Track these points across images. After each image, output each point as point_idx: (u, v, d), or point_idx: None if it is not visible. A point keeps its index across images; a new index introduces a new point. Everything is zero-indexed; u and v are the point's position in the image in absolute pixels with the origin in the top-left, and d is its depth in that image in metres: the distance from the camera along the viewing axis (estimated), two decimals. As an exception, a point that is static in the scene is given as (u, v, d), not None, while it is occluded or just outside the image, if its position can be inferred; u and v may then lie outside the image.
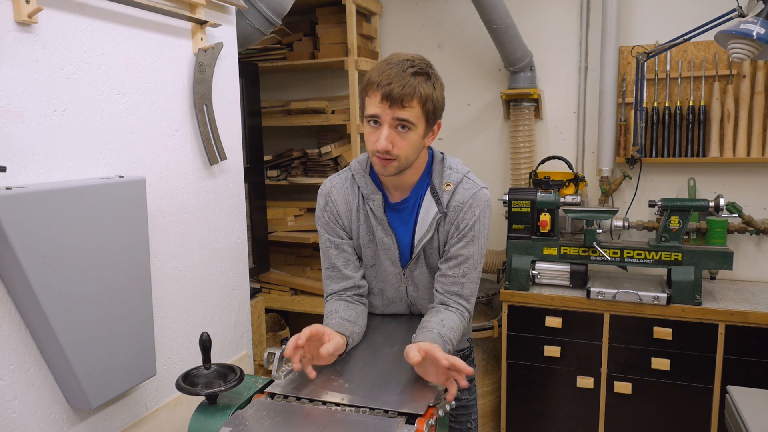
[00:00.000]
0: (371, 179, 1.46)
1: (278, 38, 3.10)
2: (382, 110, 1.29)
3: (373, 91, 1.29)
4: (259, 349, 2.50)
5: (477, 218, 1.42)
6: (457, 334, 1.38)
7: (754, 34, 1.80)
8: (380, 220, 1.45)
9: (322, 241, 1.52)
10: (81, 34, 1.31)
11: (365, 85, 1.32)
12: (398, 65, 1.29)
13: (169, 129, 1.59)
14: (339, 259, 1.50)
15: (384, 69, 1.29)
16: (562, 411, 2.53)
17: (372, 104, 1.30)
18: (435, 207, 1.43)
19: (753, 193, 2.68)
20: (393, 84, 1.26)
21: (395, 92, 1.26)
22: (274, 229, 3.15)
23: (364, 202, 1.47)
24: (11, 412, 1.20)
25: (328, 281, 1.53)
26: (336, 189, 1.50)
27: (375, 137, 1.32)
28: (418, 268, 1.50)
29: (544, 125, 3.01)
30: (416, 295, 1.55)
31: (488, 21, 2.59)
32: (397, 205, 1.46)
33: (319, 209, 1.52)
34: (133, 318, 1.41)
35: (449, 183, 1.43)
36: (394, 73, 1.27)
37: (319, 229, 1.53)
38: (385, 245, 1.47)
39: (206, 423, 1.15)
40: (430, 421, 1.08)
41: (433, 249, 1.47)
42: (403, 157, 1.33)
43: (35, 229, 1.15)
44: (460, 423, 1.66)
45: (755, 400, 1.44)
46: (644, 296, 2.34)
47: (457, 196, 1.43)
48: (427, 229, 1.43)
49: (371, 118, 1.31)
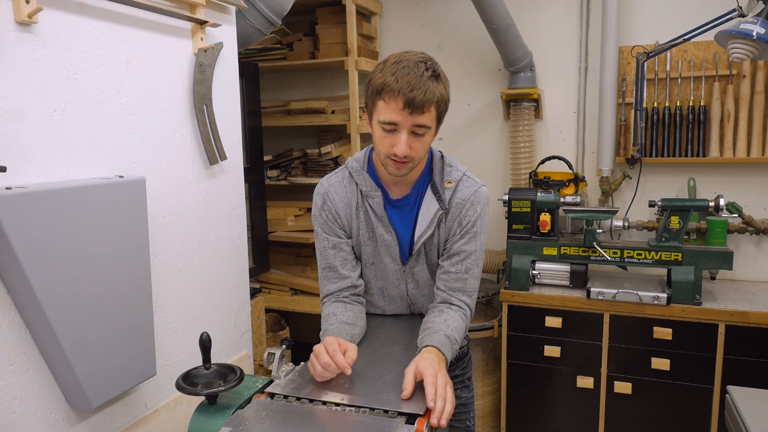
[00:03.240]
0: (370, 177, 1.47)
1: (278, 38, 3.11)
2: (402, 117, 1.27)
3: (392, 97, 1.26)
4: (259, 349, 2.50)
5: (479, 215, 1.44)
6: (461, 333, 1.39)
7: (754, 34, 1.80)
8: (380, 217, 1.45)
9: (319, 240, 1.52)
10: (81, 34, 1.31)
11: (380, 88, 1.28)
12: (414, 69, 1.26)
13: (169, 129, 1.59)
14: (336, 259, 1.49)
15: (401, 74, 1.26)
16: (562, 411, 2.53)
17: (390, 110, 1.27)
18: (436, 204, 1.44)
19: (753, 193, 2.68)
20: (415, 92, 1.24)
21: (418, 99, 1.25)
22: (274, 229, 3.15)
23: (363, 199, 1.47)
24: (11, 412, 1.20)
25: (324, 282, 1.52)
26: (334, 188, 1.49)
27: (391, 141, 1.31)
28: (418, 264, 1.50)
29: (544, 125, 3.01)
30: (416, 293, 1.55)
31: (488, 21, 2.59)
32: (397, 202, 1.47)
33: (316, 209, 1.51)
34: (133, 318, 1.41)
35: (451, 180, 1.45)
36: (413, 79, 1.25)
37: (316, 228, 1.52)
38: (385, 242, 1.47)
39: (206, 423, 1.15)
40: (430, 421, 1.08)
41: (433, 246, 1.48)
42: (417, 158, 1.35)
43: (35, 229, 1.15)
44: (459, 422, 1.67)
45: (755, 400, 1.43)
46: (644, 296, 2.34)
47: (458, 194, 1.44)
48: (428, 225, 1.44)
49: (388, 124, 1.29)
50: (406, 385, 1.16)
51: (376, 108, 1.31)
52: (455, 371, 1.67)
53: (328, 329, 1.38)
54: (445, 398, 1.13)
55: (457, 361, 1.67)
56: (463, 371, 1.68)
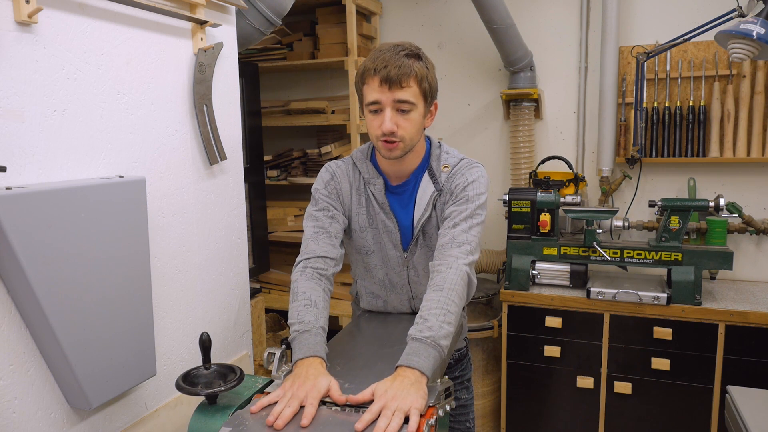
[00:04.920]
0: (372, 165, 1.51)
1: (278, 38, 3.11)
2: (382, 93, 1.32)
3: (371, 77, 1.33)
4: (259, 349, 2.50)
5: (470, 182, 1.44)
6: (447, 311, 1.24)
7: (754, 34, 1.80)
8: (381, 204, 1.49)
9: (318, 207, 1.50)
10: (81, 34, 1.31)
11: (361, 74, 1.36)
12: (390, 50, 1.33)
13: (169, 129, 1.59)
14: (332, 227, 1.48)
15: (377, 55, 1.34)
16: (562, 411, 2.53)
17: (371, 90, 1.34)
18: (432, 186, 1.47)
19: (753, 193, 2.68)
20: (389, 66, 1.30)
21: (392, 73, 1.30)
22: (274, 229, 3.15)
23: (366, 186, 1.51)
24: (11, 412, 1.20)
25: (311, 242, 1.45)
26: (340, 170, 1.54)
27: (378, 122, 1.35)
28: (418, 250, 1.52)
29: (544, 125, 3.01)
30: (417, 280, 1.56)
31: (488, 21, 2.59)
32: (396, 189, 1.50)
33: (321, 182, 1.53)
34: (133, 318, 1.41)
35: (447, 165, 1.48)
36: (388, 57, 1.32)
37: (315, 197, 1.52)
38: (387, 228, 1.50)
39: (206, 423, 1.15)
40: (430, 421, 1.08)
41: (431, 227, 1.50)
42: (408, 138, 1.37)
43: (35, 229, 1.14)
44: (459, 422, 1.67)
45: (755, 400, 1.44)
46: (644, 296, 2.34)
47: (454, 172, 1.48)
48: (425, 208, 1.47)
49: (372, 104, 1.35)
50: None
51: (363, 95, 1.37)
52: (455, 373, 1.67)
53: (309, 332, 1.28)
54: None
55: (457, 362, 1.67)
56: (463, 372, 1.68)
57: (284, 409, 1.08)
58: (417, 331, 1.21)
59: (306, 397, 1.10)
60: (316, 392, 1.11)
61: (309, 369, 1.18)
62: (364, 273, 1.60)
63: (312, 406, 1.09)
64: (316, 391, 1.12)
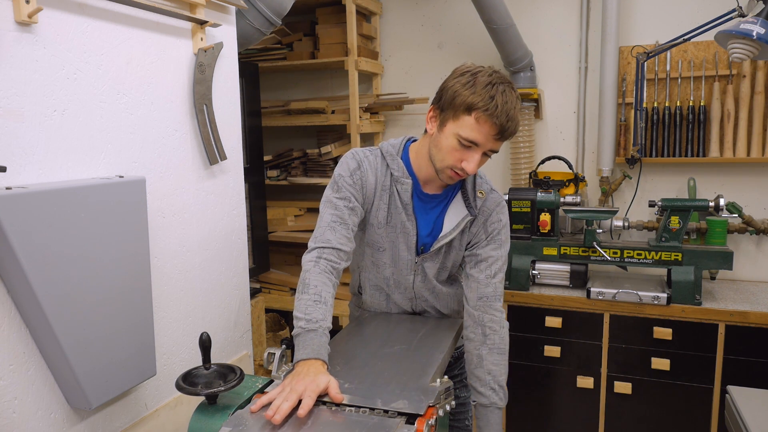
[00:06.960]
0: (404, 163, 1.48)
1: (278, 38, 3.10)
2: (487, 140, 1.31)
3: (487, 120, 1.28)
4: (259, 349, 2.50)
5: (504, 225, 1.52)
6: (504, 371, 1.46)
7: (754, 34, 1.80)
8: (405, 204, 1.47)
9: (339, 195, 1.42)
10: (81, 34, 1.31)
11: (472, 106, 1.28)
12: (510, 94, 1.30)
13: (168, 129, 1.59)
14: (350, 218, 1.42)
15: (497, 97, 1.28)
16: (562, 411, 2.53)
17: (478, 132, 1.30)
18: (465, 209, 1.49)
19: (753, 193, 2.68)
20: (510, 122, 1.29)
21: (510, 130, 1.31)
22: (274, 229, 3.15)
23: (392, 183, 1.47)
24: (11, 412, 1.20)
25: (326, 231, 1.39)
26: (368, 160, 1.47)
27: (461, 156, 1.34)
28: (430, 260, 1.52)
29: (544, 125, 3.01)
30: (422, 285, 1.56)
31: (488, 21, 2.59)
32: (426, 197, 1.50)
33: (347, 169, 1.45)
34: (133, 318, 1.41)
35: (482, 191, 1.50)
36: (510, 108, 1.29)
37: (339, 183, 1.43)
38: (405, 229, 1.49)
39: (206, 423, 1.15)
40: (430, 421, 1.08)
41: (452, 248, 1.52)
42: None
43: (35, 229, 1.15)
44: (458, 421, 1.67)
45: (755, 400, 1.44)
46: (644, 296, 2.34)
47: (486, 203, 1.50)
48: (454, 228, 1.48)
49: (467, 140, 1.31)
50: None
51: (460, 121, 1.31)
52: (454, 371, 1.67)
53: (315, 331, 1.26)
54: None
55: (456, 360, 1.68)
56: (463, 371, 1.68)
57: (282, 403, 1.08)
58: (499, 399, 1.43)
59: (305, 390, 1.10)
60: (315, 386, 1.11)
61: (310, 368, 1.18)
62: (371, 267, 1.58)
63: (310, 398, 1.09)
64: (314, 385, 1.12)
